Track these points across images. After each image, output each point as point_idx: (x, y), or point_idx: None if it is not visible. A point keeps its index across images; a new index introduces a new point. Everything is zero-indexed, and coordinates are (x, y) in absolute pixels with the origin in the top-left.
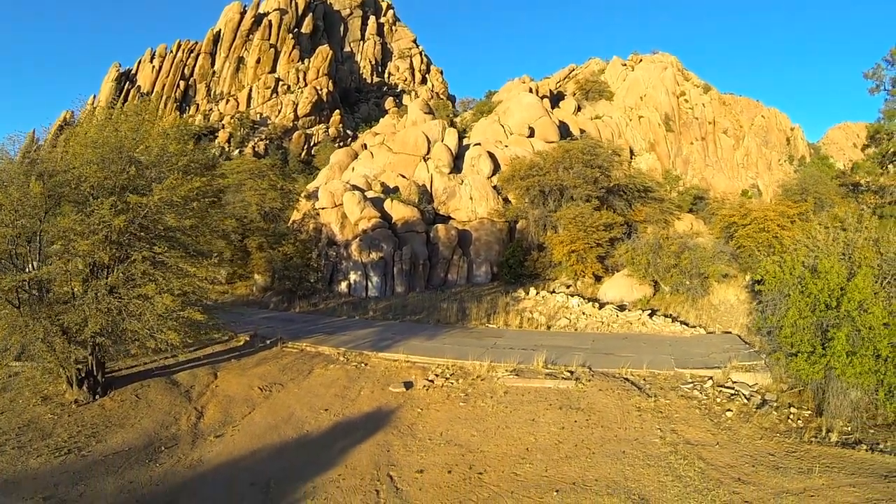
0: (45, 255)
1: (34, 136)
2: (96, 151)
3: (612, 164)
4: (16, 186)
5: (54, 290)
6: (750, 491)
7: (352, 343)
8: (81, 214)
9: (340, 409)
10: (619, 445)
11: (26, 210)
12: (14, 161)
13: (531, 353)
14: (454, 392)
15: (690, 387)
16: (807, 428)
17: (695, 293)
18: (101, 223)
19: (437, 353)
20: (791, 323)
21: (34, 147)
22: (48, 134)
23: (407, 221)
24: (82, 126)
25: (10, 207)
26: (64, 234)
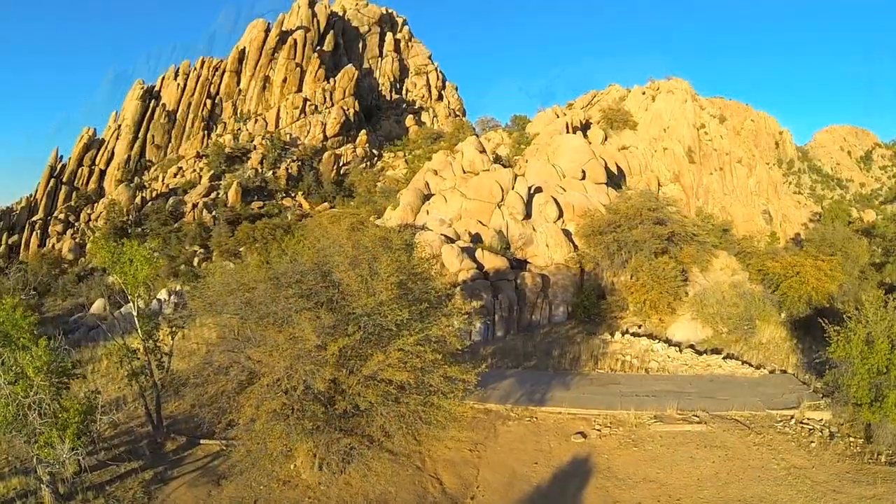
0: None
1: (58, 153)
2: (392, 293)
3: (669, 217)
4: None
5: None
6: (843, 497)
7: (509, 398)
8: (396, 351)
9: (546, 461)
10: (754, 472)
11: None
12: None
13: (654, 399)
14: (623, 440)
15: (781, 424)
16: (863, 452)
17: (748, 334)
18: (414, 355)
19: (585, 404)
20: (856, 383)
21: (59, 164)
22: (73, 152)
23: (498, 270)
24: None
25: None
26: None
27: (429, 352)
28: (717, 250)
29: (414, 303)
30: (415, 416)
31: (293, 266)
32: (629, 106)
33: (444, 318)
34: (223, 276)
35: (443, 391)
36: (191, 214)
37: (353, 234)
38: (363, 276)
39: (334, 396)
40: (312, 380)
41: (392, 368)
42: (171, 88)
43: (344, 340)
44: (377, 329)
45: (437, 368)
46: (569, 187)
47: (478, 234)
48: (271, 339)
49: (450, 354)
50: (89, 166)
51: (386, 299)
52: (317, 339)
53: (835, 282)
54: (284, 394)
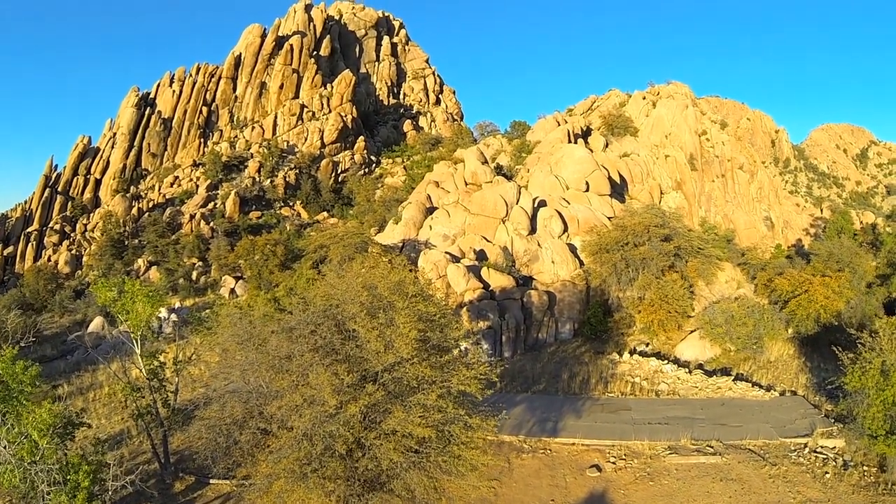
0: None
1: (52, 162)
2: (413, 346)
3: (676, 232)
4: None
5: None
6: None
7: (522, 428)
8: (418, 407)
9: (563, 497)
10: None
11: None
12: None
13: (667, 427)
14: (638, 473)
15: (795, 454)
16: (878, 482)
17: (756, 352)
18: (436, 410)
19: (599, 434)
20: (872, 415)
21: (54, 174)
22: (68, 161)
23: (505, 289)
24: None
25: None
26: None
27: (451, 406)
28: (722, 262)
29: (433, 353)
30: (435, 467)
31: (305, 315)
32: (630, 112)
33: (465, 368)
34: (231, 323)
35: (463, 441)
36: (188, 226)
37: (366, 276)
38: (381, 330)
39: (354, 451)
40: (333, 441)
41: (413, 425)
42: (167, 95)
43: (365, 400)
44: (396, 385)
45: (457, 419)
46: (573, 200)
47: (482, 251)
48: (288, 396)
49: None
50: (84, 175)
51: (406, 355)
52: (335, 401)
53: (843, 299)
54: (304, 454)
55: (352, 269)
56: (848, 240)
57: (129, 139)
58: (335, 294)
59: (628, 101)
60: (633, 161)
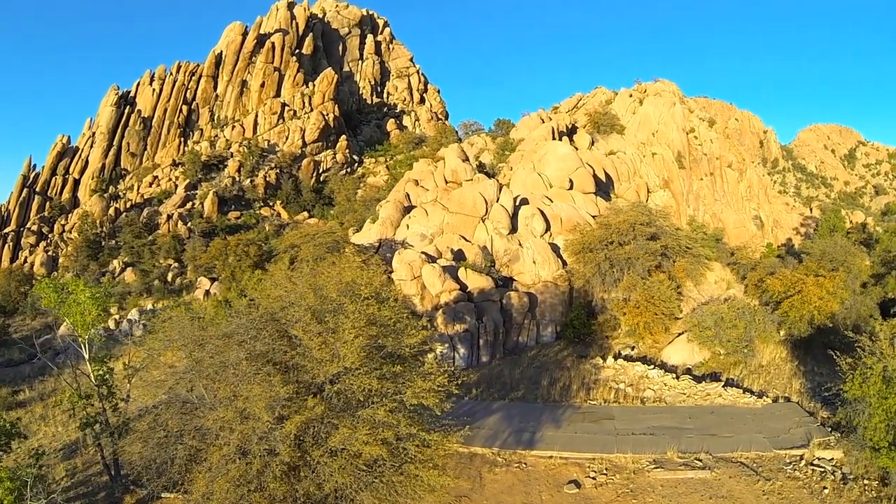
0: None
1: (31, 162)
2: (360, 355)
3: (662, 231)
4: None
5: None
6: None
7: (497, 439)
8: (365, 424)
9: None
10: None
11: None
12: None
13: (652, 438)
14: (620, 490)
15: (791, 467)
16: (880, 498)
17: (747, 356)
18: (386, 427)
19: (579, 446)
20: (874, 426)
21: (32, 173)
22: (46, 161)
23: (483, 290)
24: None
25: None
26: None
27: (403, 422)
28: (711, 262)
29: (386, 362)
30: (389, 489)
31: (246, 319)
32: (616, 109)
33: (421, 380)
34: (173, 326)
35: (421, 459)
36: (165, 226)
37: (314, 276)
38: (324, 336)
39: (298, 471)
40: (270, 460)
41: (360, 443)
42: (147, 94)
43: (302, 416)
44: (341, 398)
45: (412, 436)
46: (556, 198)
47: (460, 251)
48: (220, 410)
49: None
50: (63, 175)
51: (351, 365)
52: (269, 417)
53: (837, 299)
54: (240, 473)
55: (314, 268)
56: (841, 238)
57: (109, 138)
58: (282, 296)
59: (615, 99)
60: (619, 159)
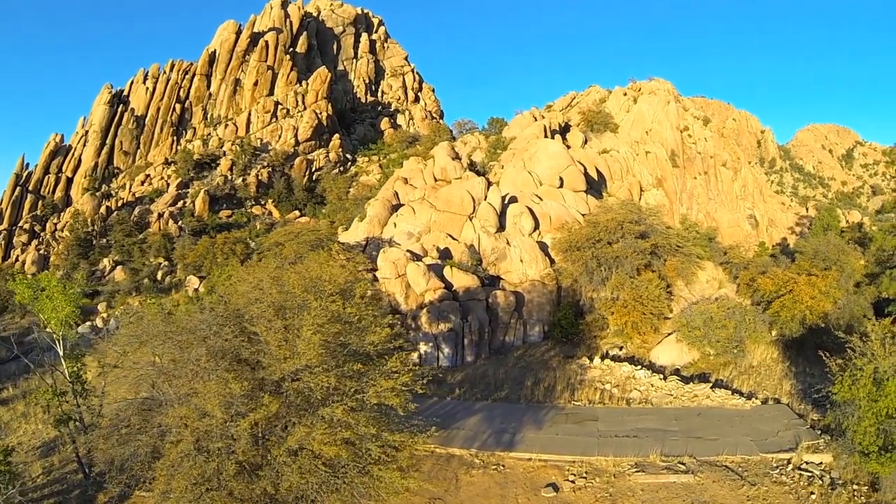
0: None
1: (24, 160)
2: (318, 352)
3: (652, 230)
4: (246, 408)
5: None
6: None
7: (475, 441)
8: (322, 423)
9: None
10: None
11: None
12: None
13: (635, 440)
14: (599, 494)
15: (777, 472)
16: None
17: (737, 356)
18: (344, 427)
19: (559, 448)
20: (863, 429)
21: (25, 172)
22: (40, 159)
23: (468, 289)
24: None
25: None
26: (304, 444)
27: (363, 422)
28: (703, 262)
29: (349, 359)
30: (351, 490)
31: (209, 315)
32: (610, 108)
33: (384, 379)
34: (140, 322)
35: (385, 461)
36: (156, 225)
37: (280, 273)
38: (283, 333)
39: (259, 467)
40: (224, 460)
41: (317, 443)
42: (140, 93)
43: (257, 414)
44: (299, 396)
45: (375, 437)
46: (546, 196)
47: (447, 250)
48: (176, 407)
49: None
50: (56, 174)
51: (310, 362)
52: (224, 414)
53: (830, 300)
54: (197, 472)
55: (281, 265)
56: (835, 237)
57: (102, 137)
58: (247, 292)
59: (609, 98)
60: (612, 157)
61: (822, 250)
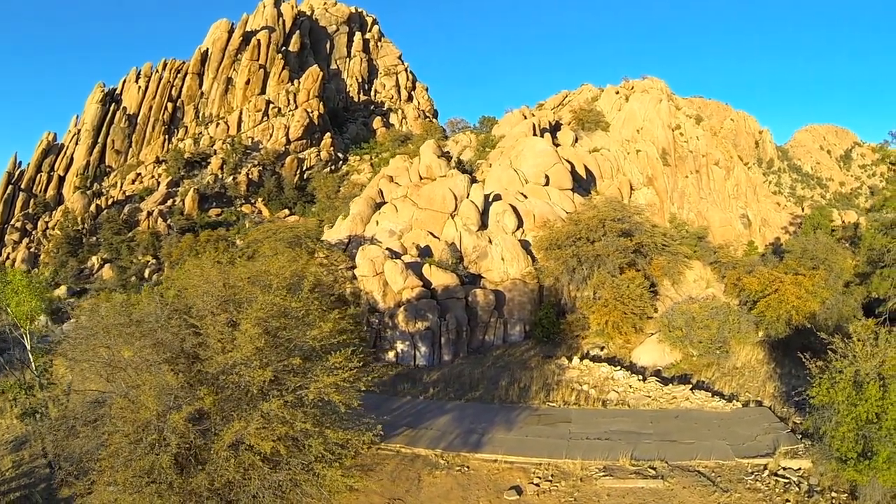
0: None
1: (16, 159)
2: (255, 345)
3: (636, 228)
4: (182, 401)
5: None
6: None
7: (442, 441)
8: (258, 418)
9: None
10: None
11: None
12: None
13: (607, 443)
14: (563, 497)
15: (753, 478)
16: None
17: (721, 357)
18: (281, 422)
19: (527, 450)
20: (841, 435)
21: (17, 170)
22: (32, 157)
23: (447, 288)
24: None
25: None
26: (238, 441)
27: (300, 418)
28: (691, 261)
29: (291, 354)
30: (293, 488)
31: (158, 307)
32: (601, 106)
33: (325, 375)
34: (91, 314)
35: (327, 459)
36: (145, 223)
37: (228, 267)
38: (223, 326)
39: (202, 461)
40: (160, 452)
41: (253, 437)
42: (132, 91)
43: (191, 407)
44: (236, 390)
45: (316, 434)
46: (531, 194)
47: (427, 247)
48: (117, 399)
49: (345, 410)
50: (48, 172)
51: (246, 355)
52: (157, 407)
53: (817, 299)
54: (138, 465)
55: (232, 260)
56: (824, 236)
57: (94, 136)
58: (195, 285)
59: (601, 96)
60: (602, 156)
61: (810, 249)
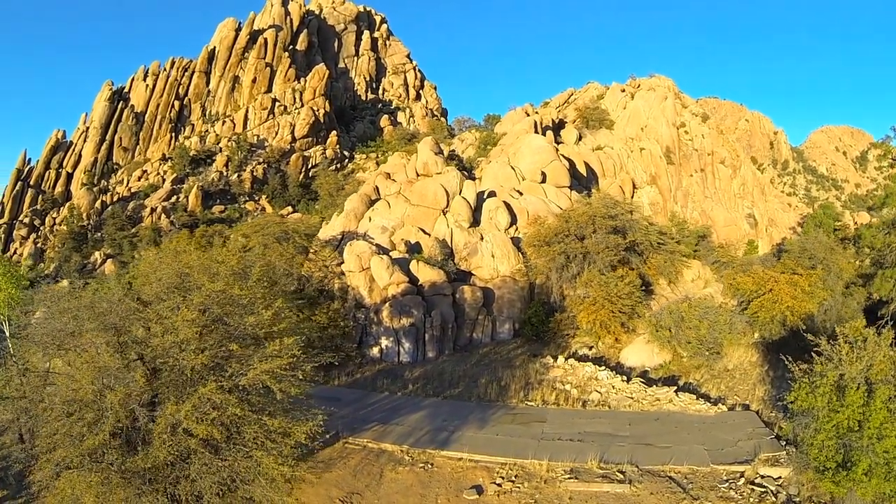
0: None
1: (26, 156)
2: (193, 329)
3: (630, 226)
4: (120, 382)
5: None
6: None
7: (411, 437)
8: (191, 402)
9: None
10: None
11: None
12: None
13: (578, 444)
14: (524, 499)
15: (727, 486)
16: None
17: (711, 359)
18: (215, 408)
19: (494, 449)
20: (820, 443)
21: (27, 167)
22: (41, 154)
23: (434, 284)
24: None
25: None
26: (174, 423)
27: (233, 403)
28: (691, 260)
29: (234, 340)
30: (231, 473)
31: (109, 292)
32: (607, 104)
33: (261, 362)
34: (53, 301)
35: (267, 446)
36: (149, 219)
37: (183, 256)
38: (161, 310)
39: (140, 441)
40: (97, 431)
41: (187, 420)
42: (140, 90)
43: (126, 388)
44: (174, 374)
45: (252, 421)
46: (527, 191)
47: (418, 244)
48: (61, 379)
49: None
50: (56, 169)
51: (182, 339)
52: (93, 386)
53: (814, 300)
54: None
55: (187, 249)
56: (823, 235)
57: (101, 133)
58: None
59: (606, 94)
60: (605, 154)
61: (808, 248)
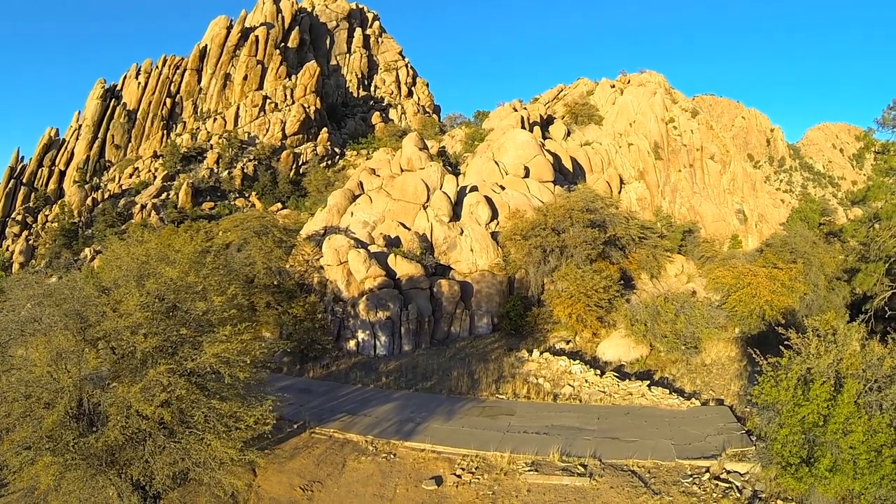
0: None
1: (18, 154)
2: (144, 313)
3: (610, 220)
4: (73, 361)
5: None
6: None
7: (377, 428)
8: (141, 384)
9: None
10: None
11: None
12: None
13: (543, 437)
14: (482, 490)
15: (690, 481)
16: None
17: (689, 354)
18: (163, 390)
19: (458, 441)
20: (783, 438)
21: (19, 165)
22: (34, 152)
23: (411, 278)
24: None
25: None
26: (126, 404)
27: (181, 385)
28: (674, 255)
29: (186, 326)
30: (183, 455)
31: (70, 279)
32: (596, 100)
33: (210, 346)
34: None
35: (217, 430)
36: (139, 216)
37: (146, 245)
38: (116, 297)
39: (95, 422)
40: (50, 412)
41: (136, 401)
42: (132, 87)
43: (79, 369)
44: (126, 356)
45: (202, 404)
46: (510, 186)
47: (397, 238)
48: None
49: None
50: (49, 167)
51: (133, 323)
52: (47, 367)
53: (794, 294)
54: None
55: (148, 238)
56: (806, 228)
57: (94, 131)
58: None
59: (595, 90)
60: (593, 150)
61: (789, 242)
